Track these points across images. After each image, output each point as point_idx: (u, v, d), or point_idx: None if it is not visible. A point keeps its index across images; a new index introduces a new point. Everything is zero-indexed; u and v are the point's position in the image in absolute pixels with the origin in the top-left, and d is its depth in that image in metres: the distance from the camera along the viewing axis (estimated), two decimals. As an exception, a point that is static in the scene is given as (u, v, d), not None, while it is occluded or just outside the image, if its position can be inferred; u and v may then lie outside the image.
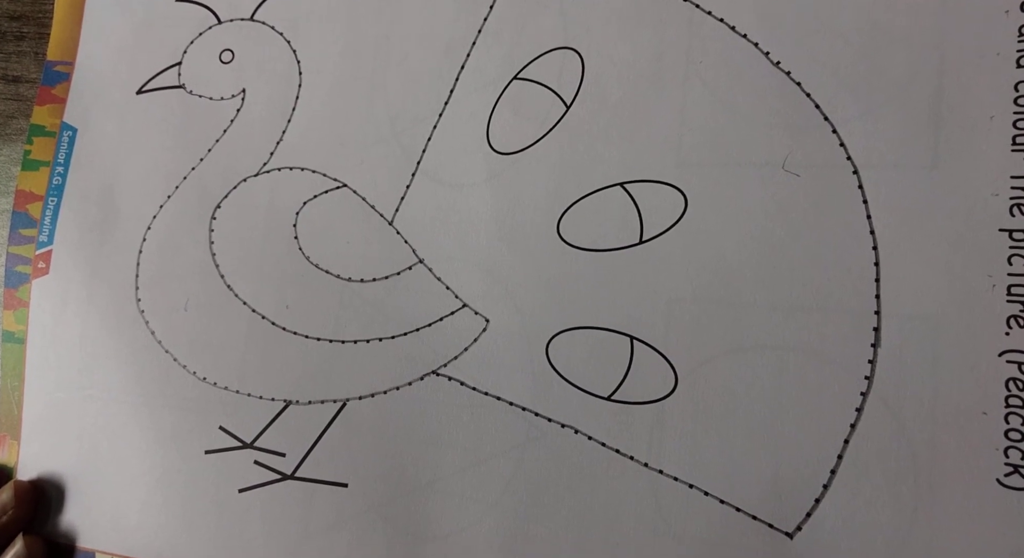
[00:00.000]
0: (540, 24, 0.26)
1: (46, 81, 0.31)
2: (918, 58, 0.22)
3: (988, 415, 0.20)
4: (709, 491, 0.22)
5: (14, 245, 0.31)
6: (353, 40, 0.28)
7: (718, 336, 0.23)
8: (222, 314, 0.28)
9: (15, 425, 0.30)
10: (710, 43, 0.24)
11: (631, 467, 0.23)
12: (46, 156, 0.31)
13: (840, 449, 0.21)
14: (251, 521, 0.26)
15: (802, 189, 0.23)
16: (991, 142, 0.21)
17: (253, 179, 0.28)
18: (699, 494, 0.22)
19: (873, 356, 0.21)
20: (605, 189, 0.24)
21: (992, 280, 0.21)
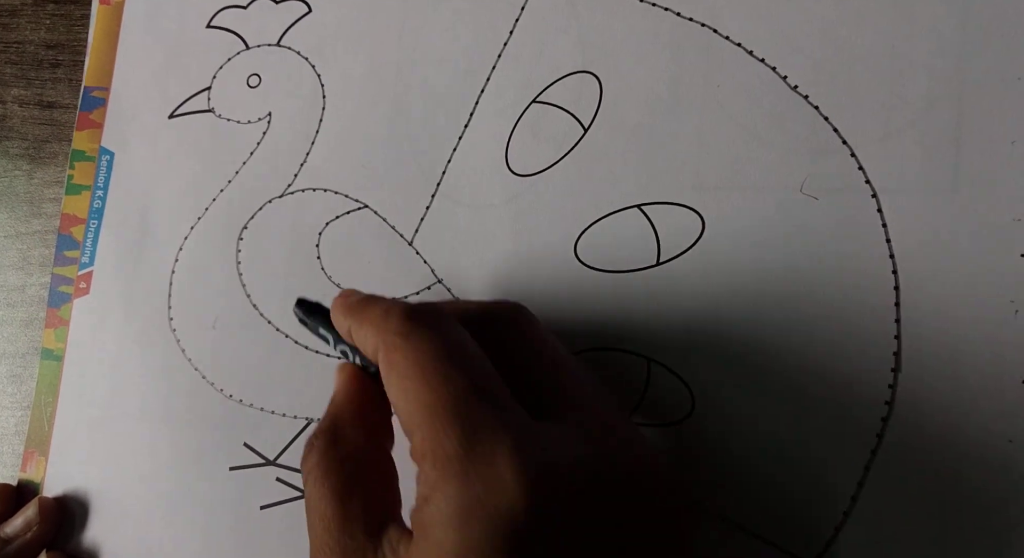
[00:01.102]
0: (559, 48, 0.27)
1: (84, 107, 0.32)
2: (938, 82, 0.22)
3: (1014, 443, 0.20)
4: (728, 516, 0.22)
5: (59, 266, 0.32)
6: (375, 64, 0.29)
7: (736, 359, 0.23)
8: (248, 332, 0.28)
9: (44, 442, 0.30)
10: (728, 67, 0.24)
11: (648, 490, 0.23)
12: (87, 180, 0.32)
13: (861, 476, 0.21)
14: (272, 538, 0.27)
15: (821, 213, 0.23)
16: (1012, 167, 0.21)
17: (278, 200, 0.29)
18: (717, 519, 0.22)
19: (893, 381, 0.21)
20: (623, 211, 0.25)
21: (1015, 305, 0.20)
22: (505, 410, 0.17)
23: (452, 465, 0.16)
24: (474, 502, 0.15)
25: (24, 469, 0.31)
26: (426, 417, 0.16)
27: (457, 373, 0.17)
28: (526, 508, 0.15)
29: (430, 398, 0.17)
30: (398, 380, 0.17)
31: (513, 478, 0.15)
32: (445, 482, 0.16)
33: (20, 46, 0.35)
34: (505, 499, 0.15)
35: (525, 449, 0.16)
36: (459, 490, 0.15)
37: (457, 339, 0.18)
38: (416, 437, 0.17)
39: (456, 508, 0.15)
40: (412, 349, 0.17)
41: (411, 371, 0.17)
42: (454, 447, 0.16)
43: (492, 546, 0.15)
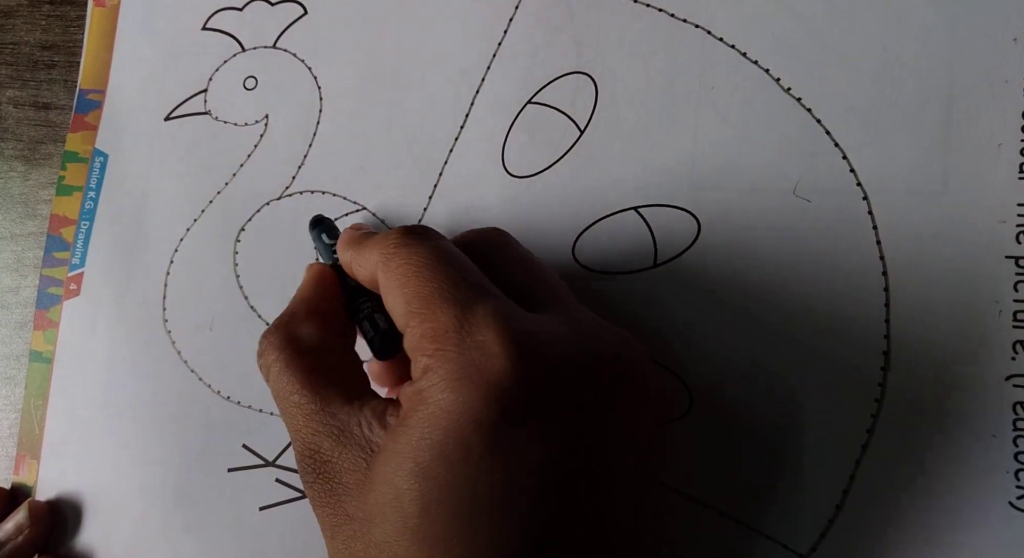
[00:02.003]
0: (554, 49, 0.27)
1: (79, 109, 0.32)
2: (927, 85, 0.23)
3: (997, 438, 0.21)
4: (723, 510, 0.22)
5: (48, 267, 0.32)
6: (372, 66, 0.29)
7: (731, 358, 0.23)
8: (246, 334, 0.28)
9: (35, 445, 0.30)
10: (722, 69, 0.25)
11: (646, 487, 0.23)
12: (79, 181, 0.32)
13: (852, 470, 0.22)
14: (271, 539, 0.27)
15: (813, 214, 0.23)
16: (999, 169, 0.22)
17: (276, 202, 0.29)
18: (714, 513, 0.23)
19: (883, 379, 0.22)
20: (619, 213, 0.25)
21: (999, 306, 0.21)
22: (495, 296, 0.18)
23: (449, 336, 0.17)
24: (470, 367, 0.17)
25: (17, 472, 0.30)
26: (422, 304, 0.18)
27: (449, 269, 0.19)
28: (515, 374, 0.16)
29: (425, 288, 0.18)
30: (396, 279, 0.19)
31: (502, 347, 0.17)
32: (443, 352, 0.17)
33: (15, 47, 0.34)
34: (497, 365, 0.16)
35: (514, 325, 0.17)
36: (456, 357, 0.17)
37: (447, 247, 0.20)
38: (413, 323, 0.18)
39: (453, 372, 0.17)
40: (408, 254, 0.19)
41: (408, 270, 0.19)
42: (450, 321, 0.17)
43: (487, 406, 0.16)
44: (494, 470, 0.16)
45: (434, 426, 0.16)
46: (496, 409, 0.16)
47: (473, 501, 0.16)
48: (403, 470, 0.17)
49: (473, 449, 0.16)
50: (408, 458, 0.17)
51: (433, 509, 0.16)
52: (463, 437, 0.16)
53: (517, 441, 0.16)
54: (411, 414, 0.17)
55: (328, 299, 0.22)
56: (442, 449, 0.16)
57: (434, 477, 0.16)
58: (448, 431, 0.16)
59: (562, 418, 0.17)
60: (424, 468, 0.16)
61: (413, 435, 0.17)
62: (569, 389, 0.17)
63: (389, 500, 0.17)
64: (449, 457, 0.16)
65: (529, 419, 0.16)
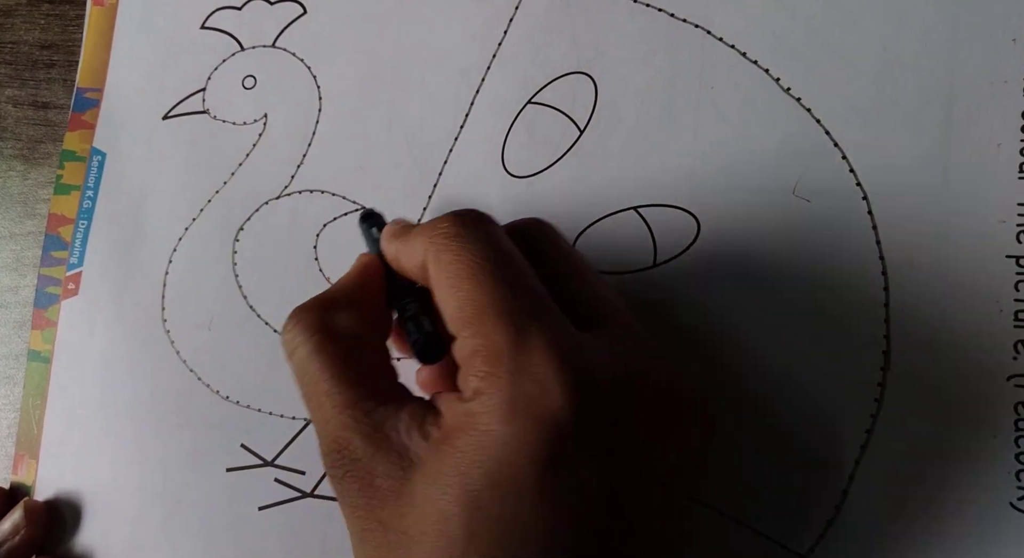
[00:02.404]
0: (553, 49, 0.27)
1: (77, 108, 0.32)
2: (927, 86, 0.23)
3: (998, 438, 0.21)
4: (723, 511, 0.22)
5: (45, 267, 0.32)
6: (371, 65, 0.29)
7: (731, 359, 0.23)
8: (245, 334, 0.28)
9: (34, 444, 0.30)
10: (721, 69, 0.25)
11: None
12: (77, 180, 0.32)
13: (852, 470, 0.22)
14: (270, 539, 0.27)
15: (813, 214, 0.23)
16: (998, 169, 0.22)
17: (275, 202, 0.29)
18: (714, 514, 0.23)
19: (883, 379, 0.22)
20: (619, 212, 0.25)
21: (999, 305, 0.21)
22: (552, 314, 0.17)
23: (504, 361, 0.16)
24: (526, 398, 0.16)
25: (15, 472, 0.30)
26: (476, 314, 0.17)
27: (506, 274, 0.17)
28: (570, 410, 0.16)
29: (481, 297, 0.17)
30: (448, 279, 0.18)
31: (558, 382, 0.16)
32: (497, 378, 0.16)
33: (14, 46, 0.34)
34: (553, 400, 0.16)
35: (570, 356, 0.16)
36: (511, 384, 0.16)
37: (505, 244, 0.18)
38: (465, 333, 0.17)
39: (507, 402, 0.16)
40: (462, 250, 0.18)
41: (462, 271, 0.17)
42: (507, 343, 0.16)
43: (540, 441, 0.16)
44: (545, 503, 0.16)
45: (486, 455, 0.16)
46: (550, 445, 0.16)
47: (522, 533, 0.16)
48: (451, 495, 0.16)
49: (527, 482, 0.16)
50: (456, 483, 0.16)
51: (481, 538, 0.16)
52: (516, 469, 0.16)
53: (568, 475, 0.16)
54: (460, 436, 0.16)
55: (371, 291, 0.21)
56: (493, 479, 0.16)
57: (483, 507, 0.16)
58: (501, 462, 0.16)
59: (614, 454, 0.17)
60: (473, 496, 0.16)
61: (462, 460, 0.16)
62: (624, 425, 0.17)
63: (433, 522, 0.16)
64: (501, 487, 0.16)
65: (582, 455, 0.16)
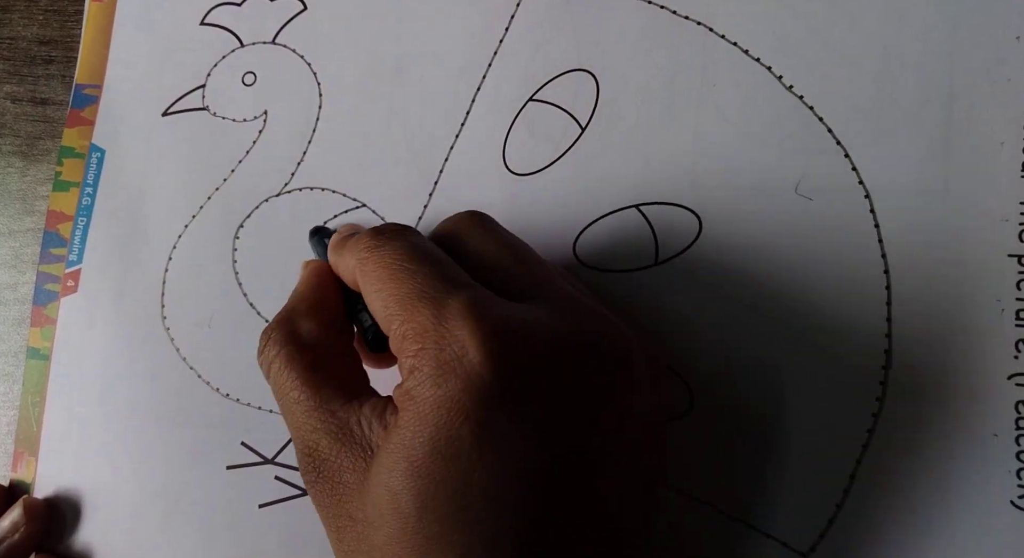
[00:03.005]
0: (555, 46, 0.27)
1: (75, 104, 0.32)
2: (929, 84, 0.23)
3: (999, 437, 0.21)
4: (724, 509, 0.22)
5: (44, 264, 0.31)
6: (372, 62, 0.29)
7: (732, 356, 0.23)
8: (245, 331, 0.28)
9: (33, 442, 0.30)
10: (723, 66, 0.25)
11: (646, 485, 0.23)
12: (76, 177, 0.32)
13: (853, 469, 0.22)
14: (270, 536, 0.27)
15: (815, 212, 0.23)
16: (1001, 168, 0.22)
17: (275, 199, 0.29)
18: (714, 512, 0.23)
19: (884, 377, 0.22)
20: (620, 210, 0.25)
21: (1001, 304, 0.21)
22: (470, 288, 0.18)
23: (429, 334, 0.17)
24: (452, 360, 0.17)
25: (15, 470, 0.30)
26: (399, 305, 0.18)
27: (422, 267, 0.19)
28: (492, 363, 0.16)
29: (400, 290, 0.18)
30: (372, 283, 0.19)
31: (477, 338, 0.17)
32: (424, 350, 0.17)
33: (13, 42, 0.34)
34: (474, 356, 0.17)
35: (489, 316, 0.17)
36: (437, 352, 0.17)
37: (419, 242, 0.20)
38: (394, 326, 0.18)
39: (436, 367, 0.17)
40: (381, 255, 0.19)
41: (381, 273, 0.19)
42: (428, 319, 0.17)
43: (469, 396, 0.16)
44: (485, 460, 0.16)
45: (424, 423, 0.17)
46: (478, 398, 0.16)
47: (468, 494, 0.16)
48: (398, 470, 0.17)
49: (464, 441, 0.16)
50: (401, 458, 0.17)
51: (430, 507, 0.16)
52: (452, 430, 0.16)
53: (504, 429, 0.16)
54: (402, 414, 0.17)
55: (327, 296, 0.22)
56: (434, 445, 0.16)
57: (428, 474, 0.16)
58: (438, 426, 0.16)
59: (544, 404, 0.17)
60: (418, 466, 0.16)
61: (405, 434, 0.17)
62: (550, 375, 0.17)
63: (386, 502, 0.17)
64: (442, 452, 0.16)
65: (512, 406, 0.17)
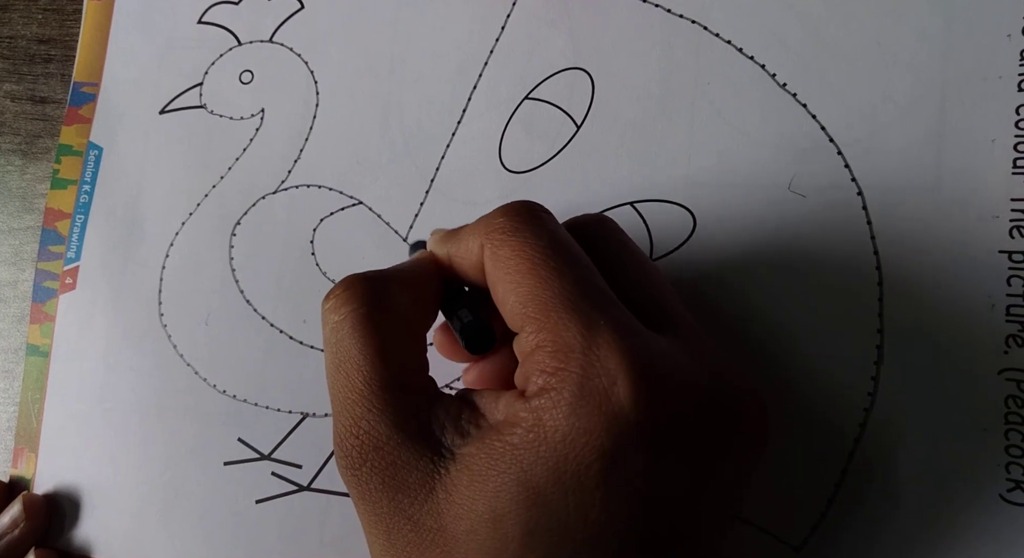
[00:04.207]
0: (551, 44, 0.27)
1: (73, 102, 0.32)
2: (922, 81, 0.23)
3: (988, 432, 0.21)
4: (717, 504, 0.23)
5: (43, 261, 0.32)
6: (368, 61, 0.29)
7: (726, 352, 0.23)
8: (242, 328, 0.28)
9: (34, 438, 0.30)
10: (718, 65, 0.25)
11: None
12: (73, 175, 0.32)
13: (845, 464, 0.22)
14: (268, 532, 0.27)
15: (808, 209, 0.23)
16: (992, 165, 0.22)
17: (272, 196, 0.29)
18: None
19: (876, 373, 0.22)
20: (615, 208, 0.25)
21: (991, 300, 0.21)
22: (620, 310, 0.17)
23: (573, 356, 0.16)
24: (596, 393, 0.15)
25: (15, 466, 0.30)
26: (540, 309, 0.16)
27: (568, 269, 0.17)
28: (639, 405, 0.15)
29: (543, 292, 0.16)
30: (508, 274, 0.17)
31: (628, 376, 0.15)
32: (566, 373, 0.16)
33: (12, 41, 0.34)
34: (622, 394, 0.15)
35: (641, 352, 0.16)
36: (581, 380, 0.16)
37: (564, 238, 0.18)
38: (529, 329, 0.16)
39: (576, 397, 0.15)
40: (521, 244, 0.17)
41: (521, 265, 0.17)
42: (575, 338, 0.16)
43: (609, 436, 0.15)
44: (608, 499, 0.15)
45: (550, 450, 0.15)
46: (617, 440, 0.15)
47: (582, 530, 0.15)
48: (507, 492, 0.15)
49: (592, 478, 0.15)
50: (513, 480, 0.15)
51: (538, 535, 0.15)
52: (582, 466, 0.15)
53: (633, 472, 0.16)
54: (518, 432, 0.16)
55: (426, 279, 0.20)
56: (557, 475, 0.15)
57: (545, 503, 0.15)
58: (567, 458, 0.15)
59: (679, 453, 0.16)
60: (534, 492, 0.15)
61: (521, 457, 0.16)
62: (689, 424, 0.16)
63: (485, 521, 0.16)
64: (564, 483, 0.15)
65: (648, 454, 0.16)
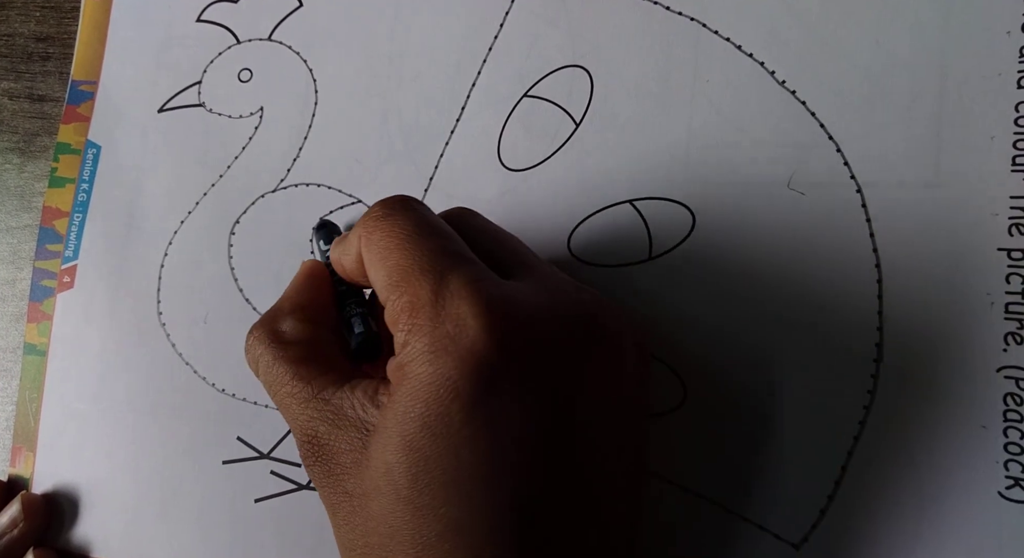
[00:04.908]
0: (549, 42, 0.27)
1: (71, 100, 0.32)
2: (920, 78, 0.23)
3: (987, 429, 0.21)
4: (715, 500, 0.23)
5: (40, 260, 0.32)
6: (367, 59, 0.29)
7: (725, 350, 0.23)
8: (241, 327, 0.28)
9: (31, 437, 0.30)
10: (717, 62, 0.25)
11: (640, 478, 0.23)
12: (72, 173, 0.32)
13: (844, 461, 0.22)
14: (266, 530, 0.27)
15: (808, 207, 0.23)
16: (991, 162, 0.22)
17: (271, 195, 0.29)
18: (706, 503, 0.23)
19: (876, 370, 0.22)
20: (614, 205, 0.25)
21: (991, 298, 0.21)
22: (473, 264, 0.18)
23: (425, 309, 0.17)
24: (446, 338, 0.17)
25: (13, 465, 0.30)
26: (402, 277, 0.18)
27: (429, 239, 0.19)
28: (489, 343, 0.17)
29: (405, 261, 0.18)
30: (377, 252, 0.19)
31: (476, 317, 0.17)
32: (420, 325, 0.17)
33: (10, 39, 0.34)
34: (471, 334, 0.17)
35: (487, 295, 0.17)
36: (432, 329, 0.17)
37: (429, 216, 0.20)
38: (393, 297, 0.18)
39: (429, 344, 0.17)
40: (391, 225, 0.19)
41: (388, 242, 0.19)
42: (427, 294, 0.17)
43: (463, 376, 0.16)
44: (476, 438, 0.16)
45: (415, 399, 0.17)
46: (473, 378, 0.16)
47: (459, 469, 0.16)
48: (391, 445, 0.17)
49: (454, 419, 0.16)
50: (395, 433, 0.17)
51: (421, 479, 0.17)
52: (443, 407, 0.16)
53: (496, 408, 0.17)
54: (396, 390, 0.18)
55: (316, 294, 0.23)
56: (424, 421, 0.17)
57: (419, 449, 0.17)
58: (429, 403, 0.17)
59: (539, 382, 0.17)
60: (409, 441, 0.17)
61: (398, 410, 0.17)
62: (544, 353, 0.18)
63: (381, 474, 0.17)
64: (432, 428, 0.17)
65: (506, 385, 0.17)
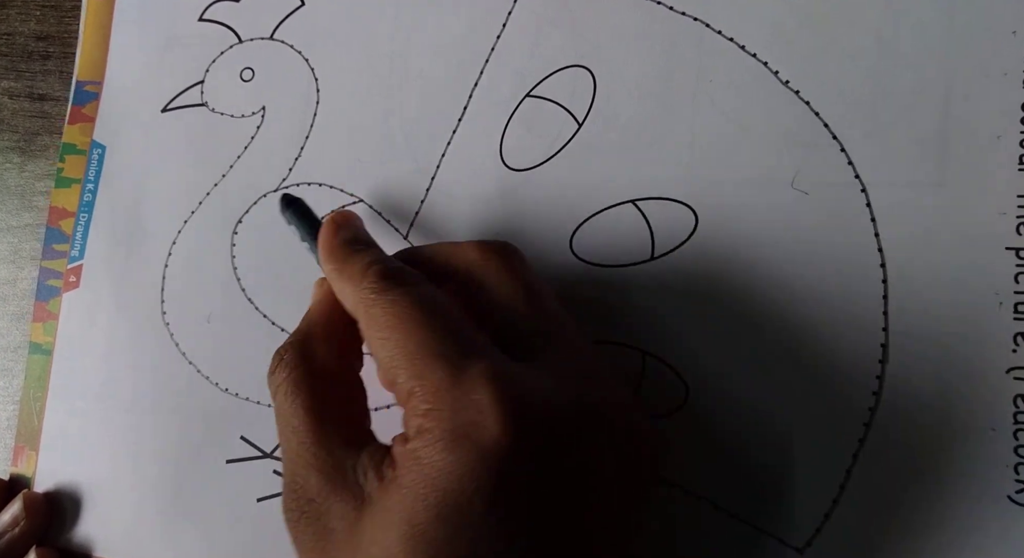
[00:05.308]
0: (552, 42, 0.27)
1: (76, 101, 0.32)
2: (925, 77, 0.23)
3: (996, 432, 0.20)
4: (719, 504, 0.22)
5: (47, 260, 0.32)
6: (369, 58, 0.29)
7: (729, 351, 0.23)
8: (244, 326, 0.28)
9: (34, 436, 0.30)
10: (720, 62, 0.25)
11: (642, 480, 0.23)
12: (77, 174, 0.32)
13: (849, 464, 0.22)
14: (269, 530, 0.27)
15: (812, 207, 0.23)
16: (998, 161, 0.21)
17: (273, 194, 0.29)
18: (709, 506, 0.23)
19: (881, 372, 0.22)
20: (617, 206, 0.25)
21: (999, 298, 0.21)
22: (487, 349, 0.18)
23: (442, 395, 0.17)
24: (467, 427, 0.16)
25: (15, 464, 0.31)
26: (408, 360, 0.18)
27: (432, 320, 0.18)
28: (508, 438, 0.16)
29: (409, 344, 0.18)
30: (378, 332, 0.18)
31: (497, 409, 0.16)
32: (438, 412, 0.17)
33: (10, 37, 0.34)
34: (493, 426, 0.16)
35: (507, 385, 0.17)
36: (451, 417, 0.16)
37: (429, 293, 0.19)
38: (400, 379, 0.18)
39: (449, 433, 0.16)
40: (388, 303, 0.19)
41: (389, 321, 0.18)
42: (442, 379, 0.17)
43: (485, 468, 0.16)
44: (494, 533, 0.16)
45: (431, 487, 0.16)
46: (494, 474, 0.16)
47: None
48: (396, 532, 0.16)
49: (474, 511, 0.16)
50: (401, 518, 0.16)
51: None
52: (463, 499, 0.16)
53: (516, 504, 0.16)
54: (406, 474, 0.17)
55: (341, 320, 0.21)
56: (440, 511, 0.16)
57: (430, 538, 0.16)
58: (447, 494, 0.16)
59: (557, 478, 0.17)
60: (419, 528, 0.16)
61: (407, 496, 0.16)
62: (563, 449, 0.17)
63: (374, 556, 0.16)
64: (447, 519, 0.16)
65: (526, 481, 0.16)
